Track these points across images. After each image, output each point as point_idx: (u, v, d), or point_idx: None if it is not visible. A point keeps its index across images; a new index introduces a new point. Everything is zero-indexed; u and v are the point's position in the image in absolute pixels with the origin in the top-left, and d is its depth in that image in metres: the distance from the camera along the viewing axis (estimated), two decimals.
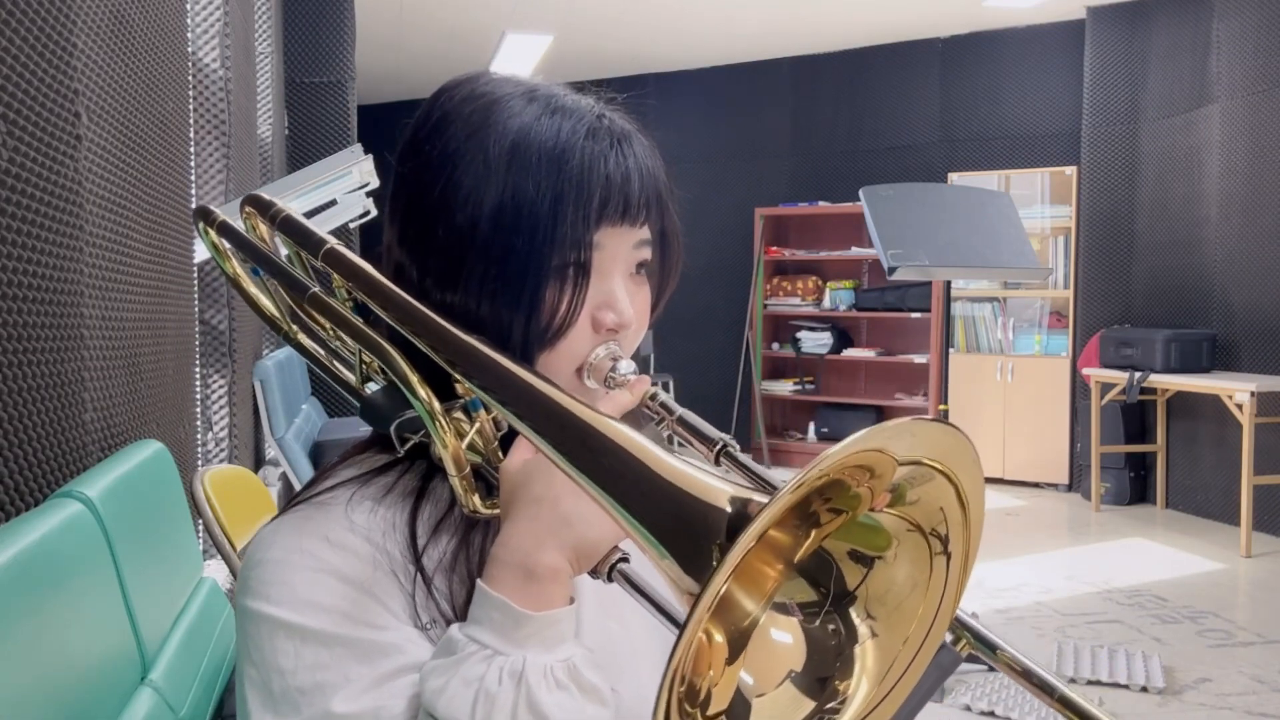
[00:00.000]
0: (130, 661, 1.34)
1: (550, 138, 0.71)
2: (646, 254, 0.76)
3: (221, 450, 3.14)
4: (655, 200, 0.74)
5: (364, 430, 0.78)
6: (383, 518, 0.72)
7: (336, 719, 0.64)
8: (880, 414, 7.20)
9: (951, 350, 5.34)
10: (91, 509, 1.30)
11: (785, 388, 7.55)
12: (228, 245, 0.89)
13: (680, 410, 0.68)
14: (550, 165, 0.70)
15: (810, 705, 0.59)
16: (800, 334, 7.43)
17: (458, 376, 0.67)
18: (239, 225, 0.88)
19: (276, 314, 0.87)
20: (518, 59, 7.36)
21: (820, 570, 0.60)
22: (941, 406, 3.73)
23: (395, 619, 0.68)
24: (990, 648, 0.69)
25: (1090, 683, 3.34)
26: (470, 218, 0.71)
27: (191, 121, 2.63)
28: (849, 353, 7.31)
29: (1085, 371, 6.04)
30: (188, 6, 2.57)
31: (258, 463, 3.72)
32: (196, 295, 2.57)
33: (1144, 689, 3.30)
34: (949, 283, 3.84)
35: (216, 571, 2.06)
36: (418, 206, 0.74)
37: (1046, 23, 6.58)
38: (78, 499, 1.29)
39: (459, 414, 0.68)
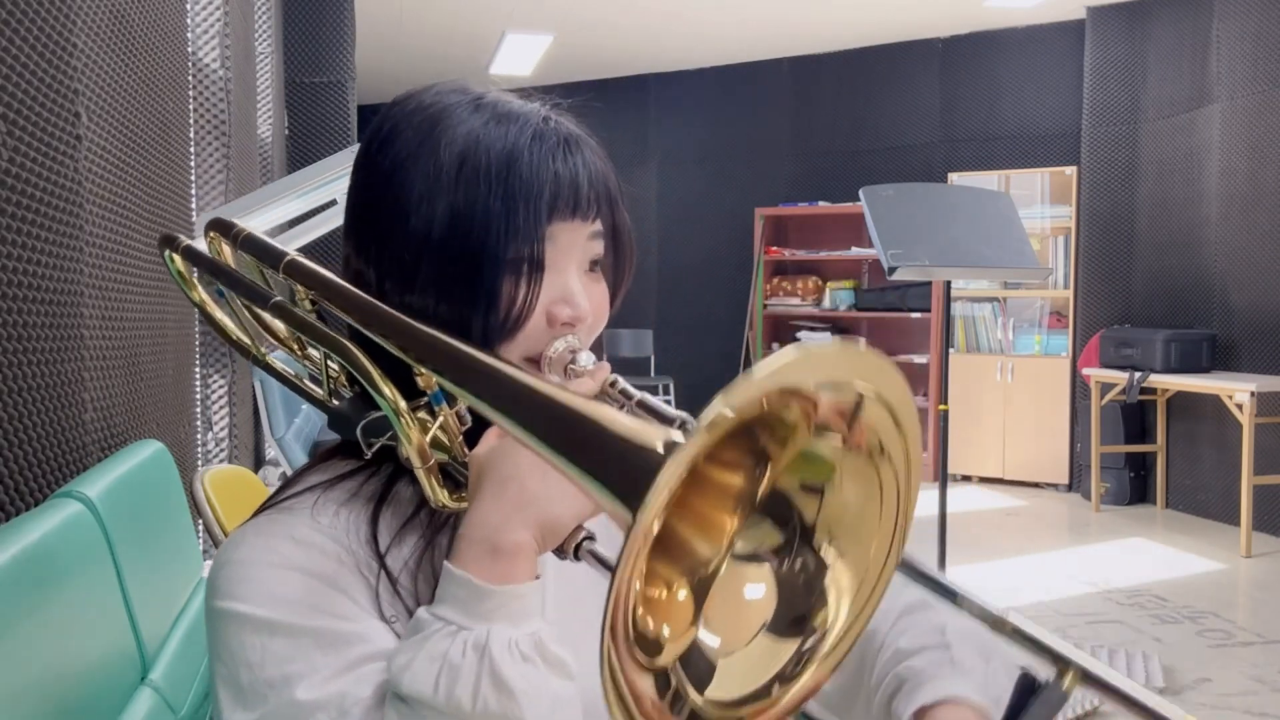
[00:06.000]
0: (130, 661, 1.34)
1: (498, 143, 0.73)
2: (599, 249, 0.77)
3: (221, 450, 3.14)
4: (605, 195, 0.76)
5: None
6: (347, 519, 0.74)
7: (301, 707, 0.65)
8: None
9: (951, 350, 5.34)
10: (91, 509, 1.30)
11: None
12: (194, 272, 0.92)
13: (639, 394, 0.70)
14: (499, 169, 0.72)
15: (791, 647, 0.60)
16: (800, 334, 7.42)
17: (417, 367, 0.69)
18: (204, 249, 0.91)
19: (245, 338, 0.90)
20: (518, 59, 7.36)
21: (783, 509, 0.61)
22: (941, 406, 3.72)
23: (361, 610, 0.70)
24: (1102, 684, 0.65)
25: None
26: (424, 221, 0.72)
27: (191, 121, 2.63)
28: None
29: (1085, 371, 6.03)
30: (188, 6, 2.57)
31: (258, 463, 3.72)
32: None
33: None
34: (949, 283, 3.83)
35: None
36: (372, 215, 0.76)
37: (1046, 23, 6.58)
38: (78, 499, 1.29)
39: (423, 413, 0.70)
